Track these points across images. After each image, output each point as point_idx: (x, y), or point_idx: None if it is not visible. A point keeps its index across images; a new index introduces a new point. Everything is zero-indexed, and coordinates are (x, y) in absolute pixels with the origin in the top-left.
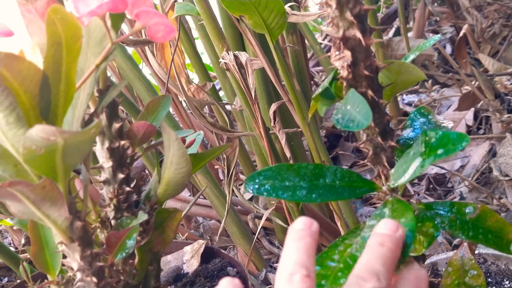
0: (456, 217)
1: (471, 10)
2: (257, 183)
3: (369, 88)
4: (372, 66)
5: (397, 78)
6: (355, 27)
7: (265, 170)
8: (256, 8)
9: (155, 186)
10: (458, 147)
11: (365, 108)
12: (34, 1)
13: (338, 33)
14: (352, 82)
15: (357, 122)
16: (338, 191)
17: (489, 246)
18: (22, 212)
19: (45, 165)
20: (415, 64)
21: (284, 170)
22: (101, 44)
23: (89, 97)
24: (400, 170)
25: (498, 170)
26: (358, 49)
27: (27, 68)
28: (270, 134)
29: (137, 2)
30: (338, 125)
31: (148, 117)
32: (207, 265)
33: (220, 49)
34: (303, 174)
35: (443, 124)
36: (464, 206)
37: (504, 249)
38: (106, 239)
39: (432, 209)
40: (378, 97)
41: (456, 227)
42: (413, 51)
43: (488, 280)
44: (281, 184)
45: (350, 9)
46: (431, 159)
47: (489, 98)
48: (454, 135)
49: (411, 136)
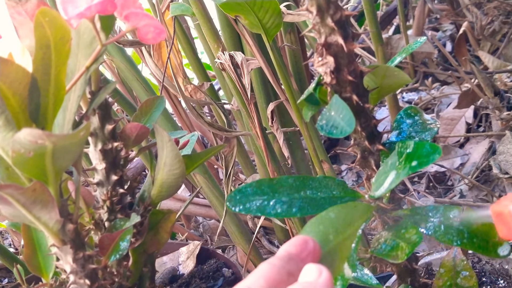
0: (440, 222)
1: (471, 7)
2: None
3: (353, 93)
4: (356, 71)
5: (383, 82)
6: (336, 33)
7: (246, 187)
8: (251, 8)
9: (149, 188)
10: (431, 159)
11: (348, 114)
12: (24, 3)
13: (320, 39)
14: (337, 88)
15: (341, 129)
16: (319, 203)
17: (475, 251)
18: (13, 215)
19: (35, 168)
20: (415, 62)
21: (264, 186)
22: (91, 46)
23: (79, 99)
24: (380, 179)
25: (498, 168)
26: (341, 55)
27: (16, 71)
28: (267, 133)
29: (126, 3)
30: (322, 132)
31: (141, 118)
32: (202, 266)
33: (215, 49)
34: (284, 188)
35: (430, 126)
36: (449, 210)
37: (490, 253)
38: (99, 241)
39: (417, 214)
40: (364, 102)
41: (440, 233)
42: (400, 53)
43: (483, 280)
44: (262, 202)
45: (331, 15)
46: (405, 171)
47: (489, 96)
48: (428, 147)
49: (397, 139)
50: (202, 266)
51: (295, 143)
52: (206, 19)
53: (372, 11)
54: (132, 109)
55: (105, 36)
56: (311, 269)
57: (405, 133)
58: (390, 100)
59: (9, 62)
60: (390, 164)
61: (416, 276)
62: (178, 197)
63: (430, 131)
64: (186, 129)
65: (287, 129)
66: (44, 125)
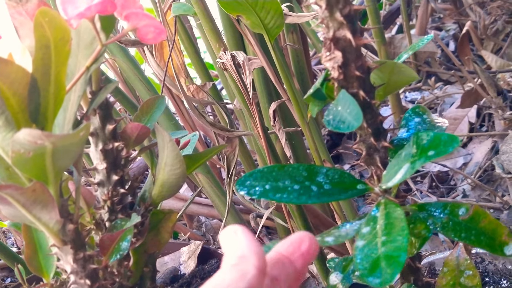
0: (449, 218)
1: (474, 7)
2: (248, 185)
3: (360, 89)
4: (364, 67)
5: (390, 78)
6: (345, 28)
7: (256, 172)
8: (253, 8)
9: (150, 188)
10: (449, 148)
11: (355, 109)
12: (25, 3)
13: (328, 34)
14: (344, 83)
15: (348, 124)
16: (329, 192)
17: (482, 248)
18: (13, 215)
19: (35, 168)
20: (418, 61)
21: (275, 172)
22: (91, 46)
23: (80, 99)
24: (391, 171)
25: (501, 168)
26: (349, 50)
27: (16, 71)
28: (269, 133)
29: (126, 4)
30: (329, 126)
31: (142, 118)
32: (203, 266)
33: (217, 49)
34: (295, 176)
35: (438, 124)
36: (457, 207)
37: (497, 251)
38: (100, 241)
39: (425, 210)
40: (370, 98)
41: (448, 229)
42: (406, 51)
43: (486, 280)
44: (272, 186)
45: (340, 9)
46: (422, 160)
47: (492, 95)
48: (446, 137)
49: (405, 136)
50: (203, 266)
51: (297, 143)
52: (207, 19)
53: (375, 11)
54: (135, 109)
55: (105, 36)
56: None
57: (413, 130)
58: (393, 99)
59: (9, 62)
60: (404, 155)
61: (419, 275)
62: (181, 197)
63: (439, 129)
64: (188, 128)
65: (289, 129)
66: (44, 125)
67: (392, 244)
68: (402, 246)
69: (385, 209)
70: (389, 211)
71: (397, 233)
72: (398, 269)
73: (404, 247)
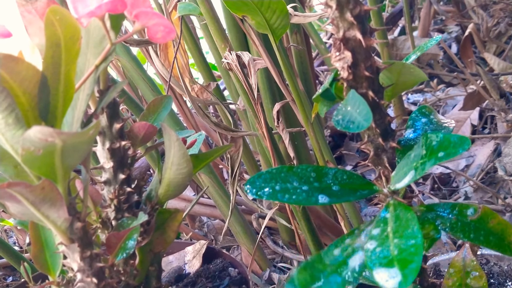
0: (457, 219)
1: (477, 9)
2: (257, 186)
3: (369, 89)
4: (373, 67)
5: (398, 78)
6: (355, 28)
7: (265, 173)
8: (259, 8)
9: (156, 187)
10: (459, 150)
11: (365, 109)
12: (34, 2)
13: (338, 34)
14: (353, 83)
15: (357, 124)
16: (339, 193)
17: (491, 248)
18: (21, 213)
19: (44, 166)
20: (420, 63)
21: (284, 173)
22: (100, 45)
23: (88, 98)
24: (400, 172)
25: (503, 170)
26: (359, 50)
27: (26, 69)
28: (273, 134)
29: (136, 2)
30: (338, 126)
31: (149, 117)
32: (208, 266)
33: (222, 49)
34: (303, 177)
35: (444, 124)
36: (465, 207)
37: (506, 251)
38: (106, 240)
39: (434, 211)
40: (379, 98)
41: (457, 229)
42: (414, 51)
43: (491, 281)
44: (281, 187)
45: (350, 10)
46: (432, 162)
47: (494, 98)
48: (456, 138)
49: (412, 137)
50: (208, 265)
51: (301, 144)
52: (213, 19)
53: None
54: (138, 109)
55: (114, 35)
56: None
57: (420, 131)
58: (396, 101)
59: (19, 60)
60: (413, 156)
61: (425, 276)
62: (183, 197)
63: (446, 130)
64: (191, 128)
65: (293, 129)
66: (53, 123)
67: (405, 247)
68: (416, 250)
69: (394, 211)
70: (399, 213)
71: (410, 235)
72: (414, 273)
73: (419, 251)
